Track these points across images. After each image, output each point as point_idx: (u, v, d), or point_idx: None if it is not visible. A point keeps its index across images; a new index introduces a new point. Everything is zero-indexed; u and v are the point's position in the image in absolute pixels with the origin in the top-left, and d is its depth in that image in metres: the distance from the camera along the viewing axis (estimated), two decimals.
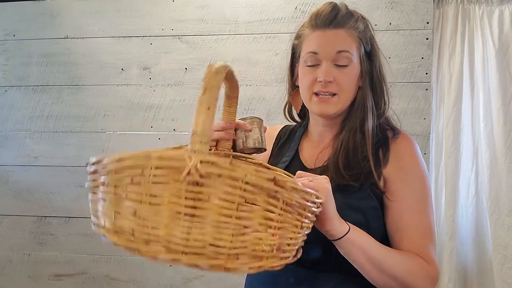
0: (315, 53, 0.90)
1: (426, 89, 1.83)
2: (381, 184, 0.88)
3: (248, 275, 0.99)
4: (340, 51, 0.89)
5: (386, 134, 0.94)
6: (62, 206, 2.10)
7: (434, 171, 1.92)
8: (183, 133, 1.98)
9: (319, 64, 0.90)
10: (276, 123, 1.16)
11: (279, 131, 1.10)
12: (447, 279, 1.90)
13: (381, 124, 0.96)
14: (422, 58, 1.82)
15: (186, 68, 1.99)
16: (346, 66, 0.90)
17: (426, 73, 1.83)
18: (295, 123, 1.10)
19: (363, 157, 0.89)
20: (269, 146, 1.02)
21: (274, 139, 1.08)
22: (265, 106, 1.94)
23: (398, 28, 1.83)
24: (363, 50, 0.93)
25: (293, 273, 0.87)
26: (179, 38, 1.99)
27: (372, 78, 0.94)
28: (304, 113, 1.06)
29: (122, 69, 2.03)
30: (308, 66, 0.92)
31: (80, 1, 2.04)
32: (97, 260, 2.09)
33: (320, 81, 0.89)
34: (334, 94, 0.91)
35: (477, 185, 1.91)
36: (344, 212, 0.84)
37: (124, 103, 2.04)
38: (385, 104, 0.96)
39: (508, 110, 1.85)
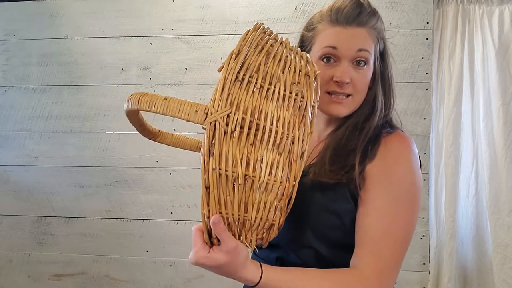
0: (334, 47, 0.86)
1: (426, 89, 1.83)
2: (361, 180, 0.82)
3: None
4: (360, 49, 0.86)
5: (381, 130, 0.89)
6: (62, 206, 2.10)
7: (434, 171, 1.92)
8: (183, 133, 1.98)
9: (336, 62, 0.87)
10: None
11: None
12: (447, 279, 1.90)
13: (384, 124, 0.92)
14: (422, 58, 1.82)
15: (186, 68, 1.99)
16: (363, 66, 0.87)
17: (426, 73, 1.83)
18: None
19: (351, 150, 0.85)
20: None
21: None
22: None
23: (398, 28, 1.83)
24: (378, 50, 0.90)
25: None
26: (179, 38, 1.99)
27: (383, 79, 0.92)
28: None
29: (122, 69, 2.03)
30: (324, 61, 0.87)
31: (80, 1, 2.04)
32: (97, 260, 2.09)
33: (337, 81, 0.85)
34: (348, 95, 0.88)
35: (477, 185, 1.91)
36: (320, 215, 0.84)
37: (124, 103, 2.03)
38: (391, 105, 0.93)
39: (508, 110, 1.85)
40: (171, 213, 2.03)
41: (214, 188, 0.65)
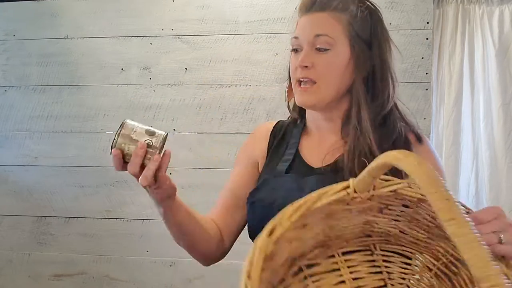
0: (296, 37, 0.88)
1: (426, 89, 1.83)
2: None
3: None
4: (318, 35, 0.84)
5: (407, 135, 0.87)
6: (62, 206, 2.09)
7: None
8: (183, 133, 1.98)
9: (302, 50, 0.87)
10: None
11: (273, 127, 1.01)
12: None
13: (398, 120, 0.90)
14: (422, 58, 1.82)
15: (186, 68, 1.99)
16: (326, 50, 0.85)
17: (426, 73, 1.83)
18: (289, 119, 1.03)
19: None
20: (263, 144, 0.98)
21: (269, 137, 1.00)
22: (265, 106, 1.94)
23: (398, 28, 1.83)
24: (354, 35, 0.86)
25: None
26: (179, 38, 1.99)
27: (373, 67, 0.89)
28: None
29: (122, 69, 2.03)
30: (292, 51, 0.89)
31: (80, 1, 2.04)
32: (97, 260, 2.09)
33: (299, 66, 0.86)
34: (315, 83, 0.86)
35: (477, 185, 1.91)
36: None
37: (124, 103, 2.04)
38: (389, 96, 0.90)
39: (508, 110, 1.85)
40: None
41: None
